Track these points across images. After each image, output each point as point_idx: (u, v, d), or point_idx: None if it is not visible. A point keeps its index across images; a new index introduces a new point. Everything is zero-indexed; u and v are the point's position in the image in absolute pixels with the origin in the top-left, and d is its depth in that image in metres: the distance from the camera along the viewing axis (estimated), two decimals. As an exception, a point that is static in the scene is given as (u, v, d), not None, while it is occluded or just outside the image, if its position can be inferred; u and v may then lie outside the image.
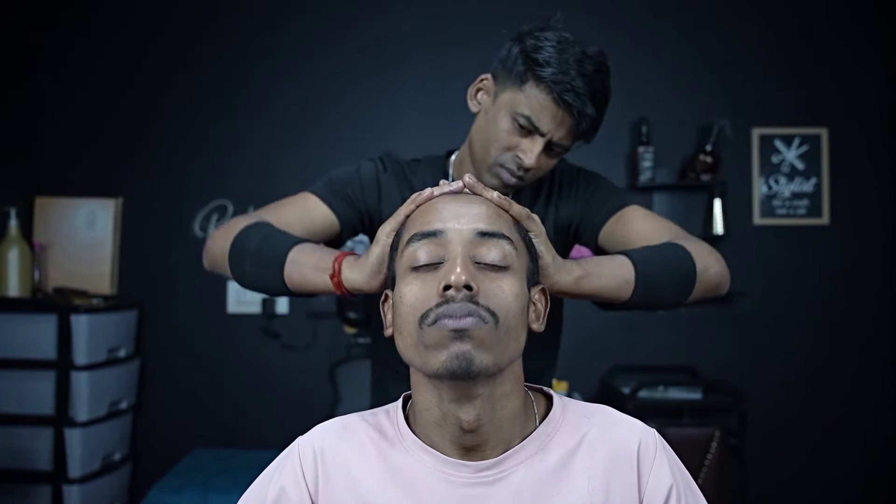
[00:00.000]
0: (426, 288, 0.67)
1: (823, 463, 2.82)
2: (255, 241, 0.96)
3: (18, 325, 2.49)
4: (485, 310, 0.65)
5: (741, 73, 2.91)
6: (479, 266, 0.68)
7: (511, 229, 0.72)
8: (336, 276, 0.86)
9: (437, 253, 0.68)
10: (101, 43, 2.99)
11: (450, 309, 0.64)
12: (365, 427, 0.74)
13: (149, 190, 2.96)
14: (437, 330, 0.64)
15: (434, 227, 0.70)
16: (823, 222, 2.89)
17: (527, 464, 0.69)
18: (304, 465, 0.72)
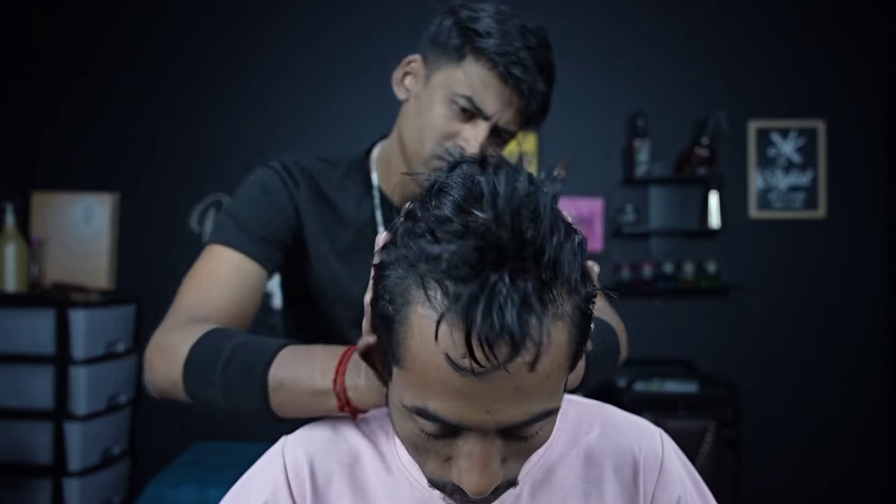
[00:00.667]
0: (433, 448, 0.54)
1: (818, 454, 2.84)
2: (216, 370, 0.71)
3: (16, 320, 2.50)
4: (505, 485, 0.55)
5: (737, 66, 2.91)
6: (504, 433, 0.52)
7: (559, 369, 0.50)
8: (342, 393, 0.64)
9: (449, 429, 0.52)
10: (98, 38, 2.98)
11: (466, 498, 0.54)
12: (357, 439, 0.68)
13: (146, 185, 2.96)
14: (448, 497, 0.57)
15: (451, 418, 0.49)
16: (820, 216, 2.89)
17: (526, 480, 0.65)
18: (289, 473, 0.66)
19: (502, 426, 0.50)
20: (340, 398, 0.64)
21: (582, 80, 2.94)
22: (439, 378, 0.48)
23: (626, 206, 2.87)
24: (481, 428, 0.50)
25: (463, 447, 0.51)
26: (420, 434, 0.53)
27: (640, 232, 2.89)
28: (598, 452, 0.67)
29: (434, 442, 0.53)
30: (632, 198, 2.91)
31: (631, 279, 2.85)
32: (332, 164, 1.01)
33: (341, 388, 0.63)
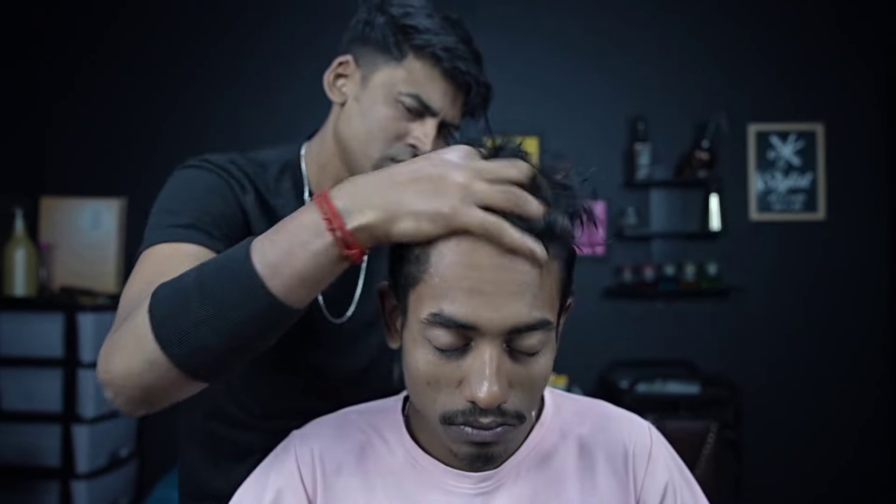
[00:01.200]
0: (448, 374, 0.59)
1: (819, 455, 2.85)
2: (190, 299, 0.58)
3: (26, 323, 2.53)
4: (513, 416, 0.60)
5: (737, 70, 2.94)
6: (511, 350, 0.58)
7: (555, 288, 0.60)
8: (339, 230, 0.56)
9: (462, 338, 0.58)
10: (105, 46, 3.02)
11: (477, 421, 0.59)
12: (364, 429, 0.71)
13: (152, 189, 2.95)
14: (459, 433, 0.60)
15: (463, 316, 0.56)
16: (819, 217, 2.92)
17: (523, 470, 0.68)
18: (301, 466, 0.69)
19: (508, 325, 0.56)
20: (348, 241, 0.56)
21: (583, 84, 2.98)
22: (456, 276, 0.56)
23: (628, 208, 2.90)
24: (490, 327, 0.56)
25: (473, 361, 0.57)
26: (433, 359, 0.58)
27: (642, 234, 2.92)
28: (591, 443, 0.71)
29: (446, 364, 0.58)
30: (633, 200, 2.94)
31: (633, 281, 2.87)
32: (263, 166, 0.93)
33: (330, 208, 0.56)
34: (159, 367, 0.59)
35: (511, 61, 2.97)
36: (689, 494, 0.72)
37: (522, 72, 2.98)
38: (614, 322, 2.93)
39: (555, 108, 2.96)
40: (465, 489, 0.67)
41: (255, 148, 1.01)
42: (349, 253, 0.57)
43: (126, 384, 0.61)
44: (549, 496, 0.68)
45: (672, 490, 0.70)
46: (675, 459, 0.74)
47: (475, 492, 0.67)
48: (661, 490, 0.70)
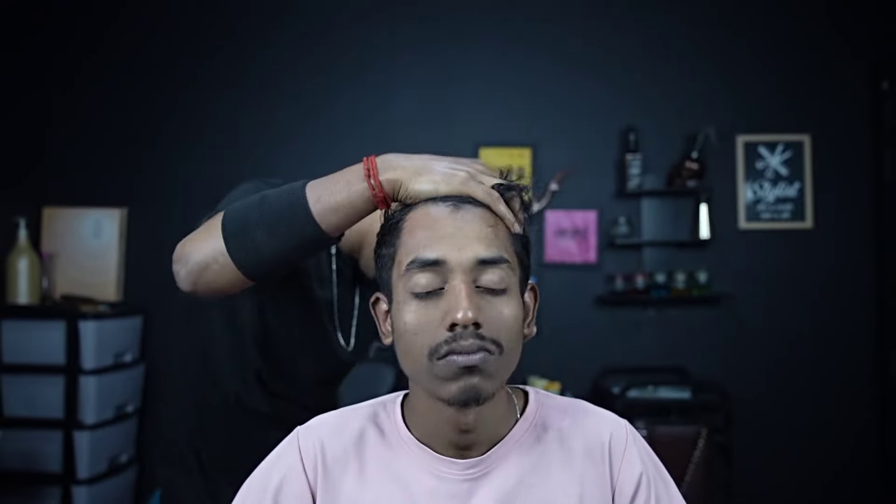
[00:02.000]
0: (430, 316, 0.68)
1: (809, 460, 2.89)
2: (253, 211, 0.82)
3: (28, 331, 2.57)
4: (491, 342, 0.67)
5: (726, 83, 3.01)
6: (479, 290, 0.69)
7: (507, 244, 0.73)
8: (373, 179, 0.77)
9: (438, 280, 0.69)
10: (106, 56, 3.07)
11: (459, 346, 0.66)
12: (362, 422, 0.78)
13: (152, 199, 3.04)
14: (447, 365, 0.67)
15: (433, 254, 0.69)
16: (807, 226, 2.98)
17: (508, 459, 0.74)
18: (304, 457, 0.75)
19: (472, 258, 0.69)
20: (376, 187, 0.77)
21: (576, 96, 3.05)
22: (425, 230, 0.71)
23: (620, 218, 2.95)
24: (457, 261, 0.69)
25: (449, 296, 0.68)
26: (416, 307, 0.69)
27: (633, 243, 2.97)
28: (570, 436, 0.77)
29: (428, 308, 0.69)
30: (625, 210, 3.00)
31: (624, 289, 2.92)
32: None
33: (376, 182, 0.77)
34: (219, 254, 0.82)
35: (505, 74, 3.04)
36: (662, 486, 0.77)
37: (517, 84, 3.04)
38: (607, 329, 2.98)
39: (548, 119, 3.03)
40: (454, 475, 0.73)
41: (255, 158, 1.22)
42: (376, 195, 0.77)
43: (190, 259, 0.84)
44: (532, 482, 0.74)
45: (646, 481, 0.75)
46: (650, 455, 0.79)
47: (463, 478, 0.73)
48: (635, 480, 0.75)
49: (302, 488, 0.75)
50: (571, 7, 3.06)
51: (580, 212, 3.00)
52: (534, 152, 3.00)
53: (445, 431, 0.73)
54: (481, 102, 3.03)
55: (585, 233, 3.00)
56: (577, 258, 3.00)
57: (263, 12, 3.09)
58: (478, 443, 0.73)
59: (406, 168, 0.76)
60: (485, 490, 0.72)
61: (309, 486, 0.75)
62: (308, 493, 0.75)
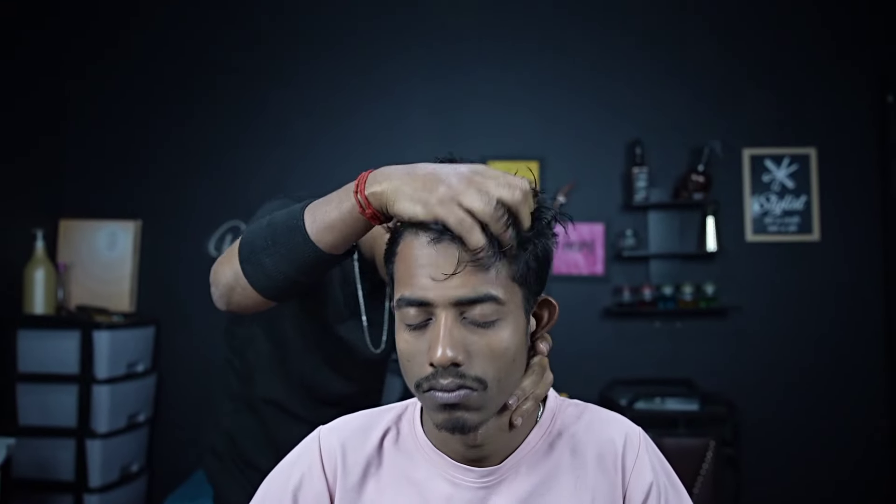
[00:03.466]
0: (418, 346, 0.68)
1: (817, 472, 2.87)
2: (260, 236, 0.85)
3: (44, 340, 2.61)
4: (472, 379, 0.66)
5: (732, 96, 3.04)
6: (466, 321, 0.67)
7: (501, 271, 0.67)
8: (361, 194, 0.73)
9: (425, 314, 0.68)
10: (123, 71, 3.14)
11: (438, 383, 0.66)
12: (385, 425, 0.79)
13: (166, 212, 3.09)
14: (429, 398, 0.67)
15: (416, 295, 0.67)
16: (814, 238, 2.98)
17: (523, 467, 0.74)
18: (324, 458, 0.77)
19: (452, 298, 0.66)
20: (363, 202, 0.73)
21: (583, 110, 3.08)
22: (411, 265, 0.68)
23: (626, 230, 2.97)
24: (439, 300, 0.66)
25: (433, 331, 0.67)
26: (407, 336, 0.69)
27: (640, 255, 2.98)
28: (583, 442, 0.77)
29: (417, 339, 0.68)
30: (631, 222, 3.01)
31: (632, 301, 2.93)
32: None
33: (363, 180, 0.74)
34: (239, 278, 0.86)
35: (513, 88, 3.08)
36: (674, 496, 0.76)
37: (524, 99, 3.08)
38: (614, 341, 2.99)
39: (555, 133, 3.06)
40: (469, 482, 0.74)
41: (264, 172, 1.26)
42: (364, 211, 0.73)
43: (219, 282, 0.90)
44: (545, 490, 0.74)
45: (656, 491, 0.74)
46: (662, 463, 0.78)
47: (479, 485, 0.74)
48: (644, 490, 0.74)
49: (321, 488, 0.76)
50: (577, 22, 3.10)
51: (587, 224, 3.02)
52: (542, 165, 3.03)
53: (456, 445, 0.74)
54: (490, 117, 3.07)
55: (592, 245, 3.02)
56: (584, 270, 3.01)
57: (277, 30, 3.15)
58: (490, 455, 0.74)
59: (395, 181, 0.70)
60: (500, 498, 0.73)
61: (328, 486, 0.76)
62: (326, 493, 0.76)
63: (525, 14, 3.11)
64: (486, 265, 0.66)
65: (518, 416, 0.73)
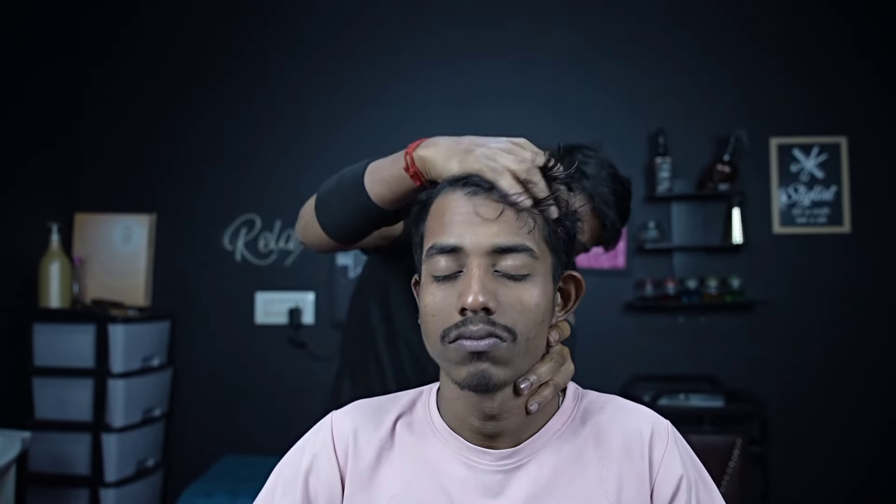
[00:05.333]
0: (446, 299, 0.67)
1: (847, 471, 2.79)
2: (333, 181, 0.95)
3: (59, 334, 2.61)
4: (502, 328, 0.65)
5: (758, 83, 2.94)
6: (498, 275, 0.67)
7: (535, 229, 0.69)
8: (409, 154, 0.81)
9: (456, 265, 0.68)
10: (139, 66, 3.13)
11: (468, 330, 0.65)
12: (399, 409, 0.77)
13: (181, 206, 3.08)
14: (456, 349, 0.66)
15: (450, 241, 0.68)
16: (844, 230, 2.88)
17: (543, 453, 0.72)
18: (336, 442, 0.75)
19: (488, 245, 0.67)
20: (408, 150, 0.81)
21: (604, 98, 3.00)
22: (445, 215, 0.69)
23: (649, 222, 2.90)
24: (472, 246, 0.67)
25: (464, 277, 0.68)
26: (435, 289, 0.68)
27: (663, 248, 2.91)
28: (608, 431, 0.74)
29: (446, 290, 0.68)
30: (654, 214, 2.94)
31: (654, 295, 2.86)
32: None
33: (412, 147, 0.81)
34: (312, 215, 0.96)
35: (532, 77, 3.02)
36: (704, 492, 0.73)
37: (544, 88, 3.01)
38: (636, 336, 2.92)
39: (576, 123, 2.99)
40: (486, 465, 0.71)
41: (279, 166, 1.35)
42: (407, 168, 0.81)
43: (301, 217, 1.01)
44: (567, 478, 0.71)
45: (686, 484, 0.71)
46: (691, 457, 0.75)
47: (496, 469, 0.71)
48: (674, 483, 0.71)
49: (332, 472, 0.74)
50: (597, 10, 3.03)
51: (608, 216, 2.94)
52: (560, 156, 2.96)
53: (471, 419, 0.71)
54: (508, 107, 3.01)
55: (613, 238, 2.94)
56: (605, 264, 2.94)
57: (292, 25, 3.12)
58: (506, 432, 0.71)
59: (440, 147, 0.77)
60: (518, 483, 0.70)
61: (339, 470, 0.75)
62: (337, 477, 0.74)
63: (545, 2, 3.04)
64: (522, 215, 0.69)
65: (535, 400, 0.71)
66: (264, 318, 3.01)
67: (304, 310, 2.99)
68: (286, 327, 2.98)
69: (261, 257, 3.04)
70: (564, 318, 0.76)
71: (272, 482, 0.78)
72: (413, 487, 0.72)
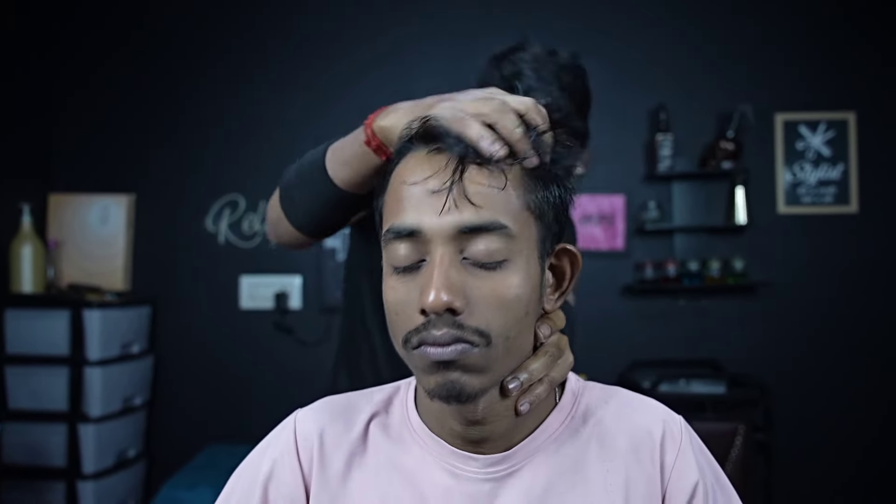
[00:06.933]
0: (409, 295, 0.56)
1: (852, 459, 2.72)
2: (292, 171, 0.89)
3: (32, 320, 2.50)
4: (473, 332, 0.55)
5: (763, 56, 2.82)
6: (467, 262, 0.56)
7: (514, 197, 0.57)
8: (369, 127, 0.74)
9: (417, 252, 0.56)
10: (114, 40, 2.99)
11: (430, 335, 0.54)
12: (371, 408, 0.68)
13: (161, 186, 2.95)
14: (419, 356, 0.56)
15: (406, 222, 0.56)
16: (852, 210, 2.79)
17: (538, 457, 0.63)
18: (299, 444, 0.66)
19: (452, 226, 0.55)
20: (367, 122, 0.75)
21: (601, 73, 2.85)
22: (402, 189, 0.58)
23: (649, 202, 2.80)
24: (434, 229, 0.55)
25: (426, 272, 0.56)
26: (395, 283, 0.58)
27: (664, 229, 2.82)
28: (613, 429, 0.65)
29: (406, 285, 0.57)
30: (654, 194, 2.84)
31: (655, 277, 2.77)
32: None
33: (371, 118, 0.75)
34: (280, 213, 0.89)
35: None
36: (723, 498, 0.65)
37: (538, 61, 2.89)
38: (635, 320, 2.83)
39: (572, 98, 2.87)
40: (472, 473, 0.62)
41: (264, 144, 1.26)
42: (371, 145, 0.74)
43: (268, 217, 0.94)
44: (568, 486, 0.62)
45: (703, 491, 0.63)
46: (707, 458, 0.67)
47: (484, 476, 0.62)
48: (689, 489, 0.63)
49: (294, 480, 0.65)
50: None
51: (606, 196, 2.84)
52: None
53: (452, 423, 0.62)
54: (502, 80, 2.88)
55: (612, 218, 2.84)
56: (603, 245, 2.84)
57: (277, 2, 2.98)
58: (493, 437, 0.62)
59: (400, 112, 0.69)
60: (510, 492, 0.61)
61: (303, 479, 0.65)
62: (301, 486, 0.65)
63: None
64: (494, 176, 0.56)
65: (526, 400, 0.61)
66: (249, 303, 2.90)
67: (290, 294, 2.88)
68: (272, 312, 2.87)
69: (245, 239, 2.93)
70: (559, 303, 0.64)
71: (228, 491, 0.68)
72: (389, 498, 0.63)
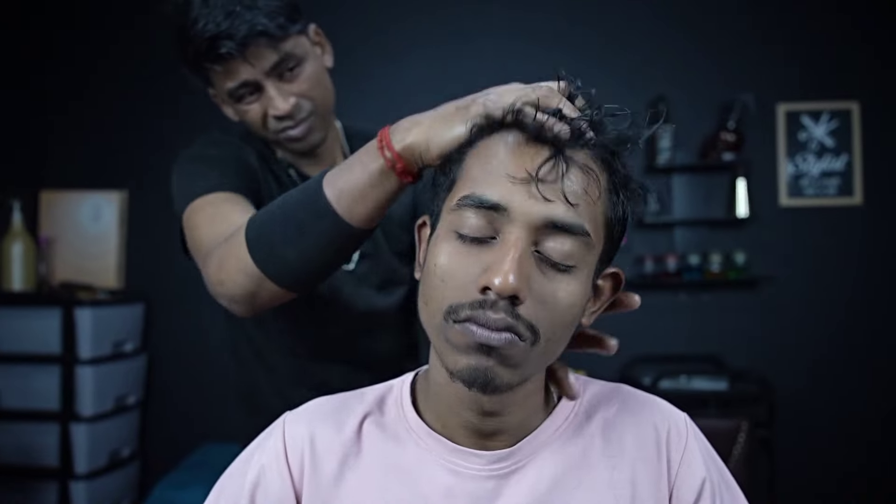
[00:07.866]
0: (467, 266, 0.55)
1: (858, 456, 2.68)
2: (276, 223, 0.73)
3: (23, 319, 2.47)
4: (525, 325, 0.54)
5: (765, 46, 2.78)
6: (538, 257, 0.55)
7: (597, 209, 0.57)
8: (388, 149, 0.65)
9: (490, 228, 0.55)
10: (107, 37, 2.96)
11: (484, 315, 0.53)
12: (363, 408, 0.66)
13: (154, 182, 2.91)
14: (461, 332, 0.54)
15: (494, 195, 0.54)
16: (856, 202, 2.75)
17: (543, 453, 0.62)
18: (288, 448, 0.64)
19: (542, 215, 0.54)
20: (391, 157, 0.65)
21: (600, 62, 2.84)
22: (496, 161, 0.56)
23: (648, 195, 2.76)
24: (521, 212, 0.54)
25: (497, 248, 0.54)
26: (455, 248, 0.56)
27: (664, 222, 2.78)
28: (618, 426, 0.65)
29: (467, 255, 0.55)
30: (654, 186, 2.80)
31: (655, 272, 2.73)
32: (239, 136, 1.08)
33: (386, 137, 0.66)
34: (257, 280, 0.74)
35: (527, 40, 2.84)
36: (728, 496, 0.65)
37: (537, 50, 2.84)
38: (635, 315, 2.74)
39: (570, 89, 2.83)
40: (475, 470, 0.61)
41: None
42: (397, 168, 0.65)
43: (235, 293, 0.77)
44: (573, 483, 0.61)
45: (710, 489, 0.63)
46: (713, 456, 0.67)
47: (487, 473, 0.60)
48: (696, 487, 0.63)
49: (283, 487, 0.62)
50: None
51: (606, 189, 2.80)
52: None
53: (464, 413, 0.60)
54: (500, 70, 2.83)
55: (611, 212, 2.81)
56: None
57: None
58: (505, 430, 0.61)
59: (425, 123, 0.64)
60: (513, 490, 0.60)
61: (293, 486, 0.63)
62: (291, 493, 0.63)
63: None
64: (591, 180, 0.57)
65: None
66: (244, 300, 2.86)
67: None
68: (267, 309, 2.84)
69: (239, 236, 2.90)
70: (594, 318, 0.65)
71: (213, 497, 0.66)
72: (388, 499, 0.61)
